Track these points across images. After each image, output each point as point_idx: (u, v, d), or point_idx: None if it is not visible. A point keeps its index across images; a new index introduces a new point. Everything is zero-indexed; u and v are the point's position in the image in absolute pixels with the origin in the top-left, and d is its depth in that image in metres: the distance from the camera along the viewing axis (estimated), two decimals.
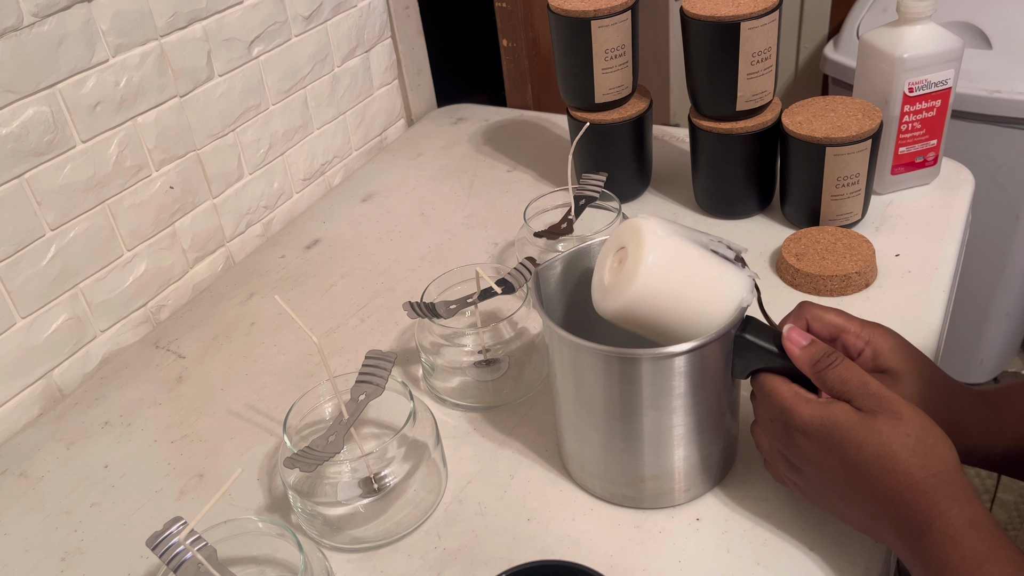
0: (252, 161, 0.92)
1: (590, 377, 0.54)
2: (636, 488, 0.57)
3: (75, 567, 0.60)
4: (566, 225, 0.75)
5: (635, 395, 0.52)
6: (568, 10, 0.80)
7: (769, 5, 0.74)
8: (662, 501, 0.58)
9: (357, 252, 0.90)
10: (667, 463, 0.56)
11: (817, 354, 0.50)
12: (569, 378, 0.55)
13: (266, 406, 0.72)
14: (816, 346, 0.50)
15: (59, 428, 0.72)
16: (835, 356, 0.50)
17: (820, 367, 0.50)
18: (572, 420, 0.58)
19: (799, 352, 0.51)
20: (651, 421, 0.53)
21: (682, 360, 0.51)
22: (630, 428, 0.54)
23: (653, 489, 0.57)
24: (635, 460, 0.56)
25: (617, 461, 0.57)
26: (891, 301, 0.73)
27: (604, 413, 0.54)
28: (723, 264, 0.52)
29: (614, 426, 0.55)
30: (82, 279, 0.76)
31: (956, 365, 1.72)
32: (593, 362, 0.53)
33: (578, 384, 0.55)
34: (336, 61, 1.00)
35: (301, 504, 0.58)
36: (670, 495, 0.58)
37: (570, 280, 0.61)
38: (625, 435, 0.55)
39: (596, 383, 0.53)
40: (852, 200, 0.79)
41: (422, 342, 0.68)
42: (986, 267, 1.53)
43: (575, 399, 0.56)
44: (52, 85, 0.70)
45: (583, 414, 0.56)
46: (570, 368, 0.55)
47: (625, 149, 0.88)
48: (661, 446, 0.55)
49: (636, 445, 0.55)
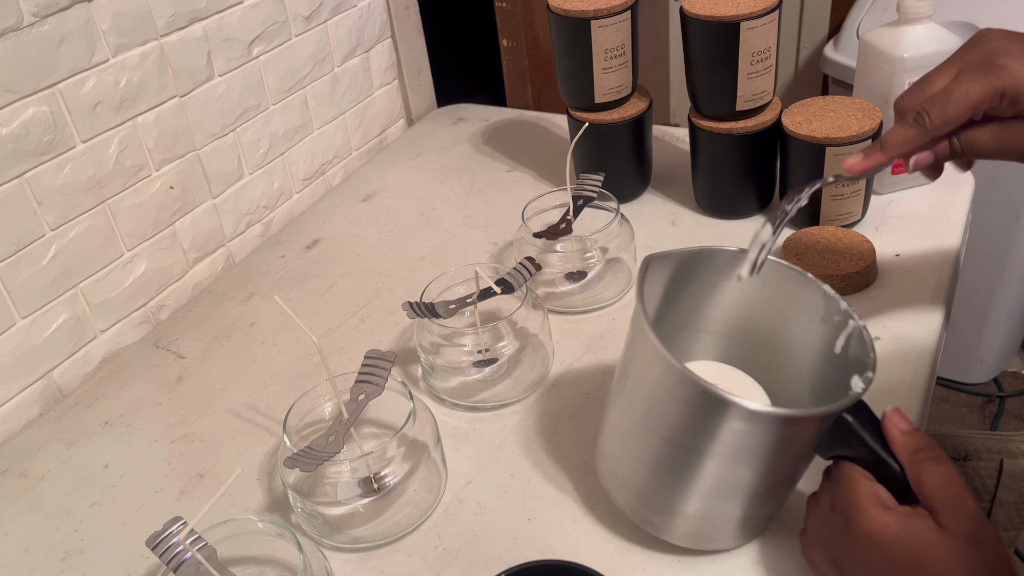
0: (252, 161, 0.92)
1: (667, 399, 0.49)
2: (662, 518, 0.53)
3: (75, 567, 0.60)
4: (565, 225, 0.75)
5: (709, 437, 0.47)
6: (568, 10, 0.80)
7: (769, 5, 0.74)
8: (682, 540, 0.54)
9: (357, 252, 0.90)
10: (708, 510, 0.51)
11: (920, 443, 0.46)
12: (643, 389, 0.51)
13: (266, 406, 0.72)
14: (920, 435, 0.46)
15: (59, 428, 0.72)
16: (940, 452, 0.45)
17: (920, 457, 0.45)
18: (625, 427, 0.53)
19: (899, 435, 0.46)
20: (713, 466, 0.49)
21: (776, 423, 0.46)
22: (686, 463, 0.49)
23: (680, 527, 0.53)
24: (675, 494, 0.51)
25: (656, 487, 0.52)
26: (891, 301, 0.73)
27: (665, 439, 0.50)
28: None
29: (669, 455, 0.50)
30: (82, 279, 0.76)
31: (956, 365, 1.72)
32: (680, 388, 0.48)
33: (651, 399, 0.50)
34: (336, 61, 1.00)
35: (301, 504, 0.58)
36: (694, 538, 0.54)
37: (676, 279, 0.56)
38: (677, 468, 0.50)
39: (673, 409, 0.49)
40: (852, 200, 0.79)
41: (421, 342, 0.68)
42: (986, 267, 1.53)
43: (639, 410, 0.52)
44: (52, 85, 0.70)
45: (641, 429, 0.52)
46: (650, 381, 0.50)
47: (625, 149, 0.88)
48: (710, 492, 0.50)
49: (683, 482, 0.50)
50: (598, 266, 0.78)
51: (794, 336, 0.56)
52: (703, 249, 0.55)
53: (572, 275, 0.78)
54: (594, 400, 0.68)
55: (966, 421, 1.67)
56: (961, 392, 1.74)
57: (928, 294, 0.73)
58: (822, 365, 0.54)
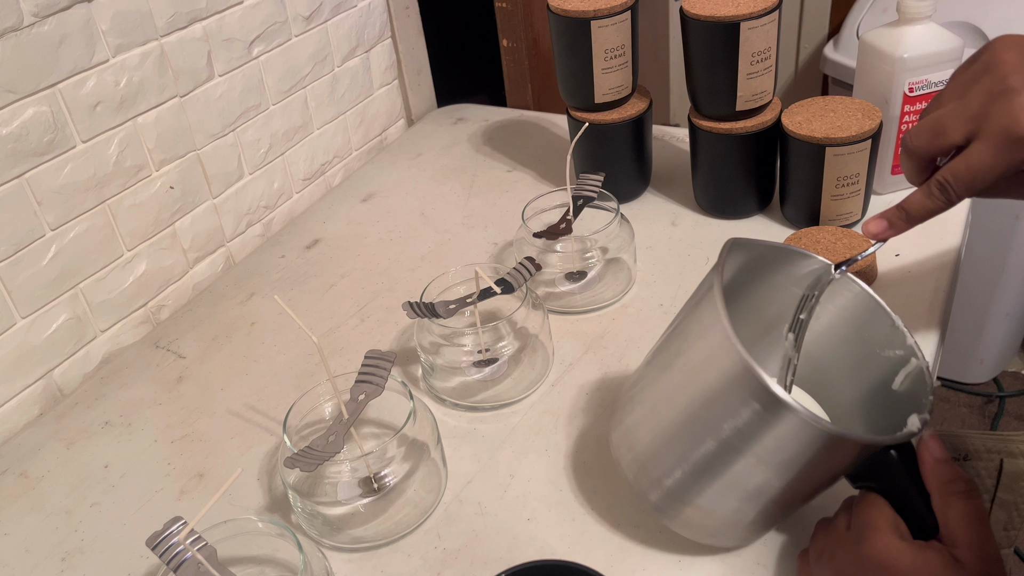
0: (252, 161, 0.92)
1: (723, 388, 0.46)
2: (670, 503, 0.52)
3: (75, 567, 0.60)
4: (564, 225, 0.75)
5: (751, 436, 0.46)
6: (568, 10, 0.80)
7: (769, 5, 0.74)
8: (682, 528, 0.53)
9: (357, 252, 0.90)
10: (720, 506, 0.50)
11: (952, 474, 0.45)
12: (697, 371, 0.48)
13: (266, 406, 0.72)
14: (952, 467, 0.45)
15: (59, 428, 0.72)
16: (972, 486, 0.44)
17: (951, 489, 0.44)
18: (659, 403, 0.51)
19: (932, 463, 0.45)
20: (743, 463, 0.47)
21: (822, 439, 0.44)
22: (713, 455, 0.48)
23: (687, 516, 0.52)
24: (691, 482, 0.50)
25: (676, 472, 0.50)
26: (891, 301, 0.72)
27: (705, 426, 0.47)
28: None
29: (704, 444, 0.48)
30: (82, 279, 0.76)
31: (956, 365, 1.72)
32: (740, 381, 0.45)
33: (703, 384, 0.47)
34: (336, 61, 1.00)
35: (301, 504, 0.58)
36: (695, 529, 0.53)
37: (750, 271, 0.54)
38: (706, 458, 0.48)
39: (725, 398, 0.46)
40: (852, 200, 0.79)
41: (421, 342, 0.68)
42: (986, 267, 1.53)
43: (684, 390, 0.49)
44: (52, 85, 0.70)
45: (678, 409, 0.49)
46: (708, 370, 0.47)
47: (625, 149, 0.88)
48: (730, 490, 0.49)
49: (707, 473, 0.49)
50: (598, 266, 0.78)
51: (849, 359, 0.55)
52: (788, 249, 0.54)
53: (572, 275, 0.78)
54: (594, 400, 0.68)
55: (966, 421, 1.67)
56: (961, 392, 1.74)
57: (928, 294, 0.73)
58: (872, 393, 0.53)
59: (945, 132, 0.52)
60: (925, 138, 0.53)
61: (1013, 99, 0.49)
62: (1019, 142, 0.49)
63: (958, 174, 0.51)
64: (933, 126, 0.52)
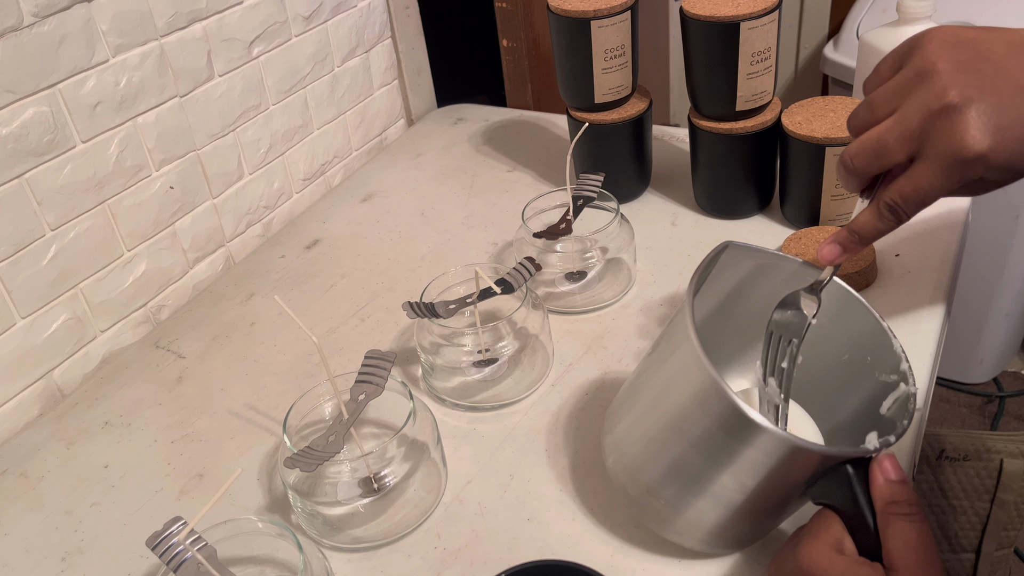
0: (252, 161, 0.92)
1: (692, 402, 0.48)
2: (641, 495, 0.53)
3: (75, 567, 0.60)
4: (564, 226, 0.75)
5: (718, 445, 0.47)
6: (568, 10, 0.80)
7: (769, 5, 0.74)
8: (649, 520, 0.54)
9: (357, 252, 0.90)
10: (679, 501, 0.51)
11: (899, 496, 0.44)
12: (671, 387, 0.50)
13: (266, 406, 0.72)
14: (903, 489, 0.44)
15: (59, 428, 0.72)
16: (917, 511, 0.43)
17: (894, 510, 0.43)
18: (642, 415, 0.53)
19: (881, 483, 0.44)
20: (719, 474, 0.48)
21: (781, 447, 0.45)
22: (691, 465, 0.49)
23: (653, 507, 0.53)
24: (673, 490, 0.51)
25: (644, 460, 0.52)
26: (891, 301, 0.73)
27: (678, 434, 0.50)
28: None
29: (677, 452, 0.50)
30: (82, 279, 0.76)
31: (956, 365, 1.72)
32: (706, 396, 0.47)
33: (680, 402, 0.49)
34: (336, 61, 1.00)
35: (301, 504, 0.58)
36: (659, 523, 0.54)
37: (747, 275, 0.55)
38: (681, 468, 0.50)
39: (694, 410, 0.48)
40: (852, 200, 0.79)
41: (421, 342, 0.68)
42: (986, 267, 1.53)
43: (663, 404, 0.51)
44: (52, 85, 0.70)
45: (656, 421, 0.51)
46: (680, 382, 0.50)
47: (625, 149, 0.88)
48: (707, 498, 0.50)
49: (686, 481, 0.50)
50: (598, 266, 0.78)
51: (846, 377, 0.55)
52: (782, 257, 0.55)
53: (572, 275, 0.78)
54: (594, 400, 0.68)
55: (966, 421, 1.67)
56: (961, 392, 1.74)
57: (928, 294, 0.73)
58: (862, 413, 0.53)
59: (888, 154, 0.51)
60: (866, 159, 0.52)
61: (955, 119, 0.47)
62: (965, 163, 0.48)
63: (907, 196, 0.51)
64: (875, 147, 0.51)
